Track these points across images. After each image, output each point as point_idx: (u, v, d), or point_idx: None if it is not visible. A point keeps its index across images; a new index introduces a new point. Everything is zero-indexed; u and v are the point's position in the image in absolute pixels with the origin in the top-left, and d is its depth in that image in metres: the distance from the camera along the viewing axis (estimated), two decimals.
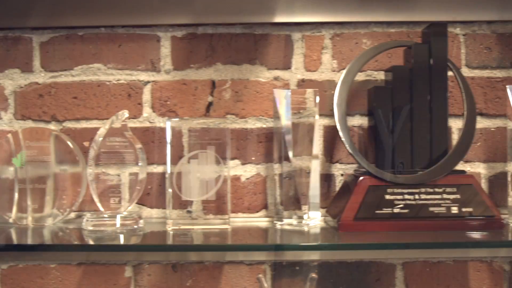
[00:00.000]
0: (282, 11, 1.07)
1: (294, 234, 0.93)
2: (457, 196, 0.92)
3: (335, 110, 0.96)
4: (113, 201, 0.99)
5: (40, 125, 1.08)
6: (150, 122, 1.09)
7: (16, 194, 1.00)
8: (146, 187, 1.08)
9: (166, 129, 0.97)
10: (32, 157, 1.00)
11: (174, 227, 0.96)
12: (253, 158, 1.08)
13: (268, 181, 1.08)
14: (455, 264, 1.07)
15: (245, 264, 1.07)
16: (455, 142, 0.96)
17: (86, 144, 1.07)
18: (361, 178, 0.93)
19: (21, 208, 1.00)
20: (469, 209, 0.92)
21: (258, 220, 1.06)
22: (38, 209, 1.01)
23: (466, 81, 0.98)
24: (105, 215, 0.96)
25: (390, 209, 0.92)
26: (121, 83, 1.09)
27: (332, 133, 1.08)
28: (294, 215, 0.96)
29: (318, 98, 0.97)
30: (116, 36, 1.09)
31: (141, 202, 1.08)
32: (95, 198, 0.97)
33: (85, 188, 1.01)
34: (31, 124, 1.09)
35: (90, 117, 1.09)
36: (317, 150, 0.97)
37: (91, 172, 0.97)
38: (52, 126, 1.09)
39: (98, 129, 0.98)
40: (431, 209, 0.92)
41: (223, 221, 0.97)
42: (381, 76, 1.08)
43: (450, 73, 0.99)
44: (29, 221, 1.00)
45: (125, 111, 0.98)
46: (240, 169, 1.08)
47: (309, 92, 0.97)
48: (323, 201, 1.07)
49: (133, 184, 1.02)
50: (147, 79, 1.09)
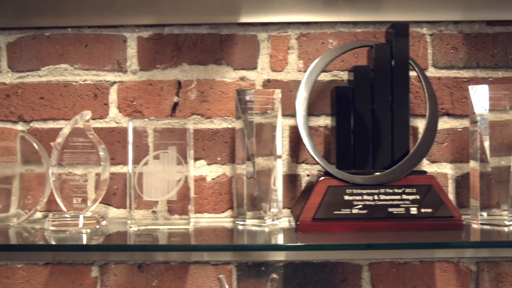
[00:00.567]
0: (248, 12, 1.07)
1: (254, 234, 0.92)
2: (417, 197, 0.92)
3: (297, 110, 0.96)
4: (76, 201, 0.99)
5: (7, 126, 1.09)
6: (117, 123, 1.09)
7: None
8: (112, 187, 1.08)
9: (128, 129, 0.97)
10: None
11: (136, 227, 0.96)
12: (219, 159, 1.08)
13: (233, 182, 1.08)
14: (422, 265, 1.07)
15: (211, 265, 1.07)
16: (416, 143, 0.96)
17: (53, 144, 1.07)
18: (321, 179, 0.93)
19: None
20: (428, 210, 0.92)
21: (224, 221, 1.06)
22: (4, 209, 1.01)
23: (429, 82, 0.98)
24: (67, 215, 0.96)
25: (349, 210, 0.92)
26: (88, 84, 1.09)
27: (298, 133, 1.07)
28: (257, 216, 0.96)
29: (280, 99, 0.96)
30: (83, 37, 1.09)
31: (107, 202, 1.08)
32: (57, 198, 0.98)
33: (50, 188, 1.02)
34: None
35: (57, 118, 1.09)
36: (280, 150, 0.97)
37: (53, 172, 0.97)
38: (19, 127, 1.09)
39: None
40: (390, 210, 0.91)
41: (185, 222, 0.97)
42: (347, 76, 1.08)
43: (415, 74, 0.99)
44: None
45: (88, 112, 0.99)
46: (206, 169, 1.08)
47: (273, 92, 0.96)
48: (289, 202, 1.08)
49: (98, 185, 1.02)
50: (114, 80, 1.09)
